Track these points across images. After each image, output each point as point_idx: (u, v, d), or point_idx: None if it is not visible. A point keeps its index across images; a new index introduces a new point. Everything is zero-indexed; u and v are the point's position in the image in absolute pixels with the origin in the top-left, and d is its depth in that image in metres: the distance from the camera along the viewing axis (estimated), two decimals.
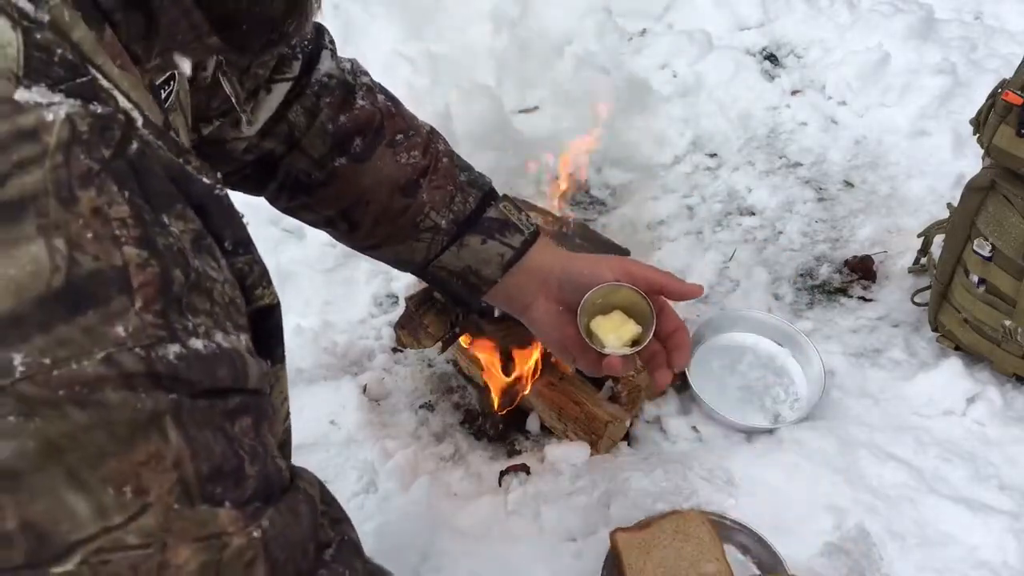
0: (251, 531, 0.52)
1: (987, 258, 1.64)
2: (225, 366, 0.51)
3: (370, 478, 1.58)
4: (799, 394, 1.78)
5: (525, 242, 1.05)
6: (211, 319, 0.51)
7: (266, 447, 0.55)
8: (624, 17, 2.72)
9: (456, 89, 2.25)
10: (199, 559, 0.50)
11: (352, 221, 1.06)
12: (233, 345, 0.52)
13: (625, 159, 2.33)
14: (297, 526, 0.56)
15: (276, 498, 0.55)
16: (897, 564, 1.47)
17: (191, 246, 0.52)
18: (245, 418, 0.53)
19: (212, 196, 0.56)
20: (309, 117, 1.01)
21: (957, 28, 2.66)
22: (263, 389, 0.56)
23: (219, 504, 0.51)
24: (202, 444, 0.49)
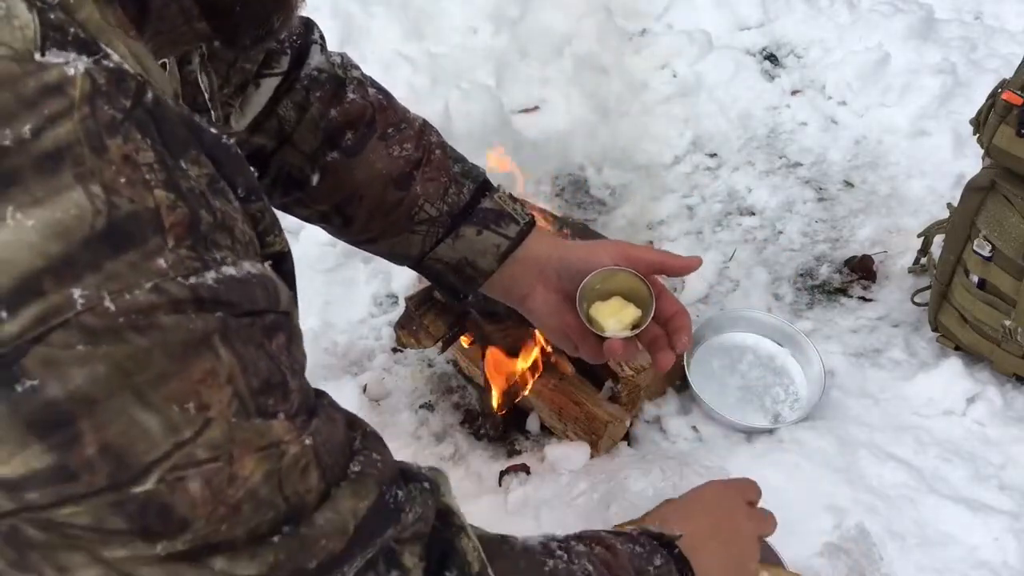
0: (304, 439, 0.57)
1: (987, 258, 1.64)
2: (259, 288, 0.55)
3: None
4: (799, 394, 1.78)
5: (521, 232, 1.05)
6: (235, 253, 0.55)
7: (301, 365, 0.59)
8: (624, 17, 2.72)
9: (456, 89, 2.25)
10: (263, 468, 0.54)
11: (346, 216, 1.06)
12: (262, 271, 0.56)
13: (625, 159, 2.33)
14: (337, 431, 0.62)
15: (314, 407, 0.60)
16: (897, 564, 1.47)
17: (208, 188, 0.55)
18: (280, 336, 0.57)
19: (221, 145, 0.59)
20: (299, 111, 1.01)
21: (957, 28, 2.66)
22: (292, 312, 0.60)
23: (273, 416, 0.55)
24: (249, 360, 0.53)
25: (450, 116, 2.14)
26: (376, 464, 0.65)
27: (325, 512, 0.59)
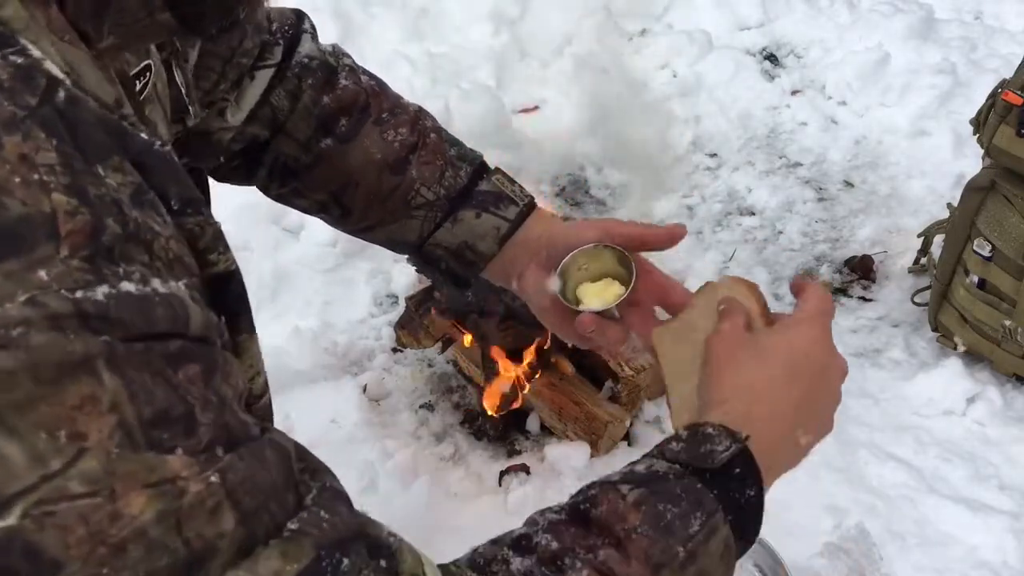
0: (208, 476, 0.50)
1: (987, 258, 1.64)
2: (161, 309, 0.49)
3: (370, 478, 1.58)
4: None
5: (520, 214, 1.02)
6: (149, 270, 0.50)
7: (222, 398, 0.53)
8: (624, 17, 2.72)
9: (456, 89, 2.25)
10: (154, 507, 0.48)
11: (343, 204, 1.04)
12: (171, 291, 0.50)
13: (625, 159, 2.33)
14: (265, 472, 0.54)
15: (239, 443, 0.53)
16: (897, 564, 1.47)
17: (130, 199, 0.50)
18: (190, 366, 0.51)
19: (153, 152, 0.55)
20: (292, 100, 1.00)
21: (957, 28, 2.66)
22: (211, 339, 0.54)
23: (168, 450, 0.48)
24: (141, 387, 0.48)
25: (450, 116, 2.14)
26: (321, 524, 0.56)
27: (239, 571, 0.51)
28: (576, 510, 0.72)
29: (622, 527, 0.69)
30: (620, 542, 0.68)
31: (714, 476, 0.74)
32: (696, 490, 0.73)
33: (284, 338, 1.84)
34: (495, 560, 0.68)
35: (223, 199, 2.10)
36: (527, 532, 0.70)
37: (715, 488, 0.73)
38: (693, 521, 0.71)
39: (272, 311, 1.92)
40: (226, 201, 2.01)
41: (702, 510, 0.72)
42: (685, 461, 0.74)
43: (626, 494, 0.71)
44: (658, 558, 0.69)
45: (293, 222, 2.08)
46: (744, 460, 0.76)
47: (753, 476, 0.76)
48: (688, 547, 0.70)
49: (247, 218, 2.03)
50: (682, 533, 0.70)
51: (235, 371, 0.56)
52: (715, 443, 0.75)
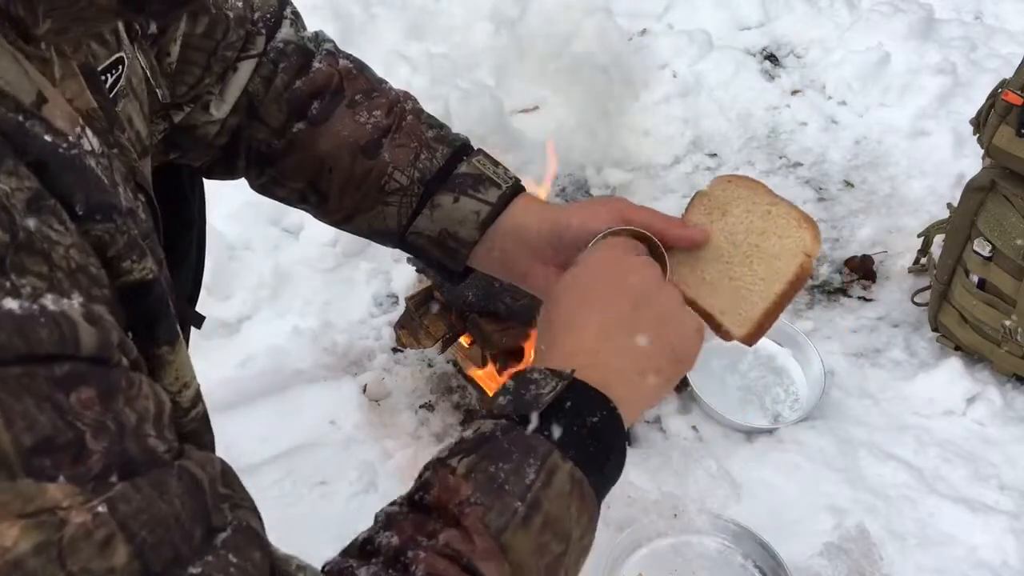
0: (95, 507, 0.47)
1: (987, 258, 1.64)
2: (47, 329, 0.47)
3: (370, 478, 1.58)
4: (799, 394, 1.78)
5: (503, 197, 0.96)
6: (46, 281, 0.48)
7: (122, 423, 0.50)
8: (624, 17, 2.72)
9: (456, 89, 2.25)
10: (32, 539, 0.45)
11: (320, 191, 1.01)
12: (63, 309, 0.48)
13: (625, 159, 2.33)
14: (166, 504, 0.50)
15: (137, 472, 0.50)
16: (897, 564, 1.47)
17: (24, 205, 0.48)
18: (84, 389, 0.48)
19: (57, 155, 0.52)
20: (266, 85, 0.98)
21: (957, 28, 2.66)
22: (110, 360, 0.51)
23: (50, 479, 0.46)
24: (20, 413, 0.45)
25: (450, 116, 2.14)
26: (229, 568, 0.53)
27: None
28: (412, 499, 0.70)
29: (455, 503, 0.67)
30: (457, 519, 0.66)
31: (543, 417, 0.71)
32: (524, 438, 0.70)
33: (284, 338, 1.83)
34: (341, 573, 0.65)
35: (223, 199, 2.11)
36: (370, 534, 0.68)
37: (545, 430, 0.71)
38: (527, 470, 0.69)
39: (272, 311, 1.92)
40: (226, 201, 2.03)
41: (534, 456, 0.69)
42: (511, 413, 0.72)
43: (456, 467, 0.69)
44: (496, 523, 0.66)
45: (293, 222, 2.08)
46: (577, 392, 0.73)
47: (593, 403, 0.73)
48: (528, 498, 0.68)
49: (247, 218, 2.03)
50: (518, 487, 0.68)
51: (145, 392, 0.53)
52: (540, 386, 0.73)
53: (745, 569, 1.46)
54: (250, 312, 1.91)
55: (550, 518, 0.69)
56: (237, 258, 1.99)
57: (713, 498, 1.53)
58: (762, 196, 0.91)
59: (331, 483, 1.57)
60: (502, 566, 0.65)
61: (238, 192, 2.04)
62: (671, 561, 1.47)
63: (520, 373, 0.75)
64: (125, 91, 0.76)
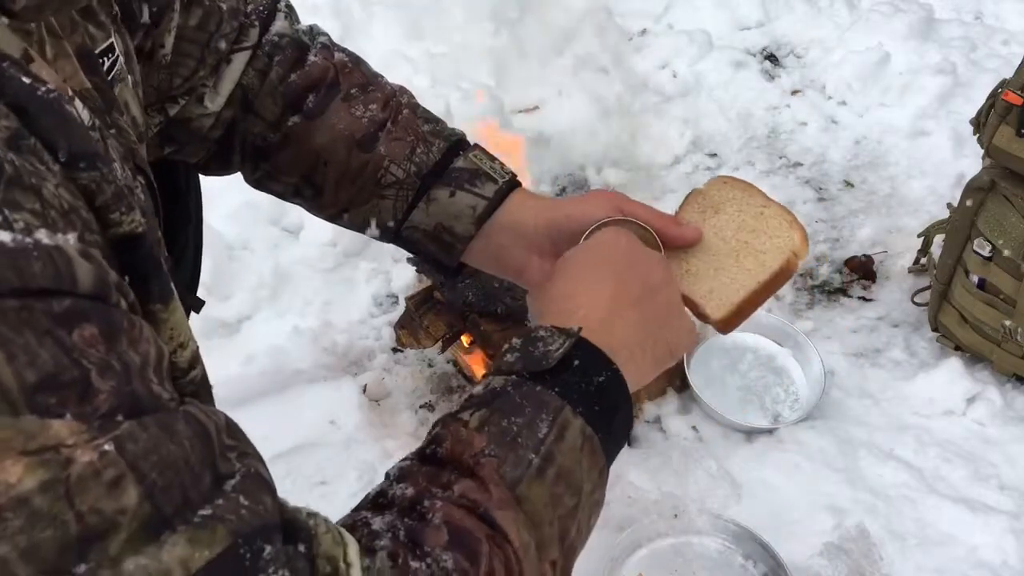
0: (100, 444, 0.46)
1: (987, 258, 1.64)
2: (40, 263, 0.45)
3: (370, 478, 1.58)
4: (799, 394, 1.78)
5: (499, 191, 0.96)
6: (39, 219, 0.47)
7: (127, 364, 0.49)
8: (624, 17, 2.72)
9: (456, 89, 2.25)
10: (37, 476, 0.44)
11: (315, 186, 1.00)
12: (58, 243, 0.47)
13: (625, 159, 2.33)
14: (175, 445, 0.50)
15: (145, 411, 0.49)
16: (897, 564, 1.47)
17: (4, 143, 0.47)
18: (87, 326, 0.47)
19: (36, 98, 0.51)
20: (260, 78, 0.98)
21: (957, 28, 2.66)
22: (108, 298, 0.50)
23: (55, 416, 0.45)
24: (21, 347, 0.44)
25: (450, 116, 2.14)
26: (240, 510, 0.52)
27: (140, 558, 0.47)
28: (424, 453, 0.70)
29: (470, 454, 0.67)
30: (472, 470, 0.66)
31: (552, 374, 0.72)
32: (536, 393, 0.71)
33: (284, 338, 1.83)
34: (355, 525, 0.65)
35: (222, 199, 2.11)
36: (382, 488, 0.68)
37: (556, 386, 0.72)
38: (540, 425, 0.70)
39: (272, 311, 1.92)
40: (225, 201, 2.03)
41: (547, 410, 0.70)
42: (520, 369, 0.73)
43: (468, 420, 0.70)
44: (511, 474, 0.67)
45: (293, 222, 2.08)
46: (583, 351, 0.74)
47: (598, 363, 0.75)
48: (541, 451, 0.69)
49: (247, 218, 2.03)
50: (531, 440, 0.69)
51: (147, 337, 0.52)
52: (548, 343, 0.74)
53: (745, 570, 1.46)
54: (250, 312, 1.91)
55: (563, 471, 0.69)
56: (237, 258, 1.99)
57: (713, 498, 1.53)
58: (756, 197, 0.94)
59: (331, 483, 1.57)
60: (517, 516, 0.66)
61: (237, 192, 2.04)
62: (671, 561, 1.47)
63: (526, 331, 0.76)
64: (122, 75, 0.76)
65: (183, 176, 1.06)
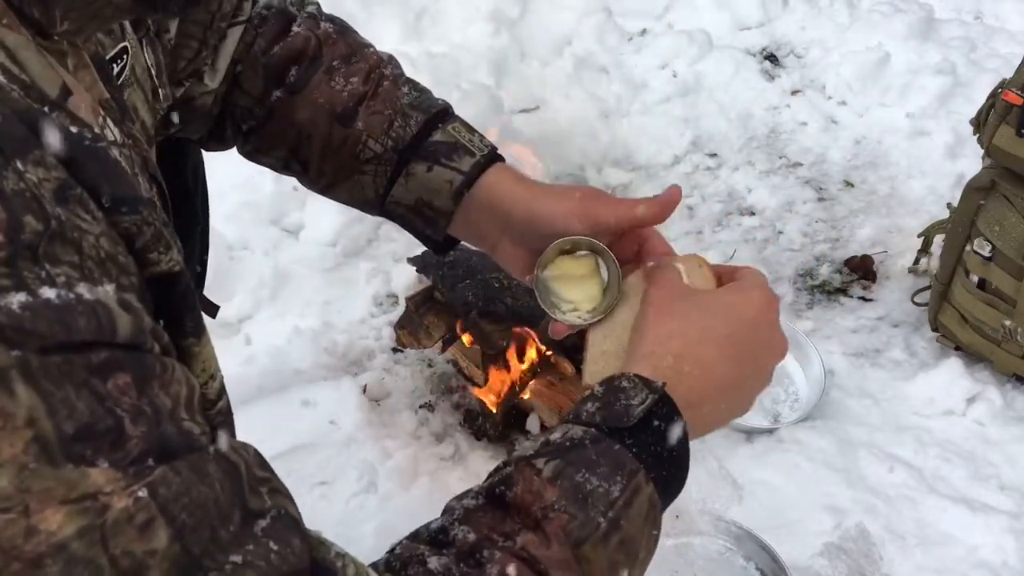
0: (135, 491, 0.48)
1: (987, 258, 1.64)
2: (84, 317, 0.47)
3: (370, 478, 1.58)
4: (799, 394, 1.78)
5: (477, 165, 0.94)
6: (78, 271, 0.48)
7: (158, 408, 0.51)
8: (624, 17, 2.72)
9: (456, 89, 2.25)
10: (76, 523, 0.46)
11: (302, 161, 1.00)
12: (98, 297, 0.49)
13: (625, 159, 2.33)
14: (206, 487, 0.51)
15: (176, 455, 0.51)
16: (897, 564, 1.47)
17: (52, 195, 0.49)
18: (120, 375, 0.49)
19: (82, 147, 0.53)
20: (246, 51, 0.97)
21: (957, 28, 2.66)
22: (144, 345, 0.52)
23: (91, 464, 0.47)
24: (61, 400, 0.46)
25: None
26: (270, 556, 0.53)
27: None
28: (492, 493, 0.68)
29: (539, 506, 0.66)
30: (538, 523, 0.65)
31: (632, 433, 0.70)
32: (614, 452, 0.69)
33: (284, 338, 1.83)
34: (412, 560, 0.64)
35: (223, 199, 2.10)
36: (444, 524, 0.67)
37: (635, 447, 0.70)
38: (613, 487, 0.68)
39: (272, 311, 1.92)
40: (226, 201, 2.03)
41: (622, 473, 0.69)
42: (600, 422, 0.71)
43: (541, 468, 0.68)
44: (577, 533, 0.66)
45: (293, 222, 2.08)
46: (663, 410, 0.72)
47: (676, 425, 0.73)
48: (610, 515, 0.67)
49: (247, 218, 2.03)
50: (603, 502, 0.67)
51: (178, 377, 0.53)
52: (630, 396, 0.72)
53: (747, 572, 1.46)
54: (250, 312, 1.91)
55: (626, 537, 0.69)
56: (237, 258, 1.99)
57: (714, 499, 1.53)
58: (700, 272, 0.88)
59: (331, 483, 1.57)
60: None
61: (237, 192, 2.04)
62: (673, 562, 1.47)
63: (611, 380, 0.74)
64: (130, 80, 0.76)
65: (191, 177, 1.05)
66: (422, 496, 1.54)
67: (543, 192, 0.93)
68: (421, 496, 1.54)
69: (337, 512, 1.53)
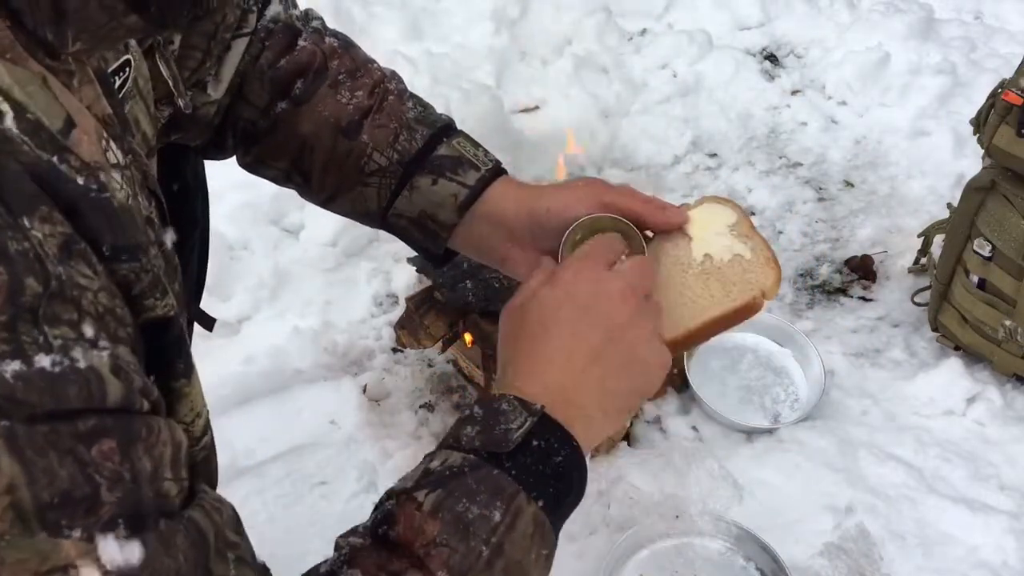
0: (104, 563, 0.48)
1: (987, 258, 1.64)
2: (76, 386, 0.48)
3: (370, 478, 1.58)
4: (799, 394, 1.78)
5: (481, 179, 0.95)
6: (75, 330, 0.49)
7: (136, 472, 0.51)
8: (624, 17, 2.72)
9: (456, 89, 2.25)
10: None
11: (304, 172, 1.00)
12: (91, 363, 0.49)
13: (625, 159, 2.33)
14: (170, 559, 0.52)
15: (146, 525, 0.51)
16: (897, 564, 1.47)
17: (57, 251, 0.49)
18: (105, 441, 0.49)
19: (88, 199, 0.53)
20: (252, 64, 0.98)
21: (957, 28, 2.66)
22: (132, 407, 0.52)
23: (64, 534, 0.47)
24: (43, 469, 0.46)
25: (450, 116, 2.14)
26: None
27: None
28: (376, 533, 0.69)
29: (421, 543, 0.67)
30: (421, 561, 0.66)
31: (511, 456, 0.71)
32: (493, 477, 0.70)
33: (284, 338, 1.83)
34: None
35: (223, 199, 2.10)
36: (331, 569, 0.68)
37: (514, 469, 0.70)
38: (494, 512, 0.68)
39: (272, 311, 1.92)
40: (226, 201, 2.03)
41: (502, 497, 0.69)
42: (479, 447, 0.71)
43: (422, 502, 0.68)
44: (460, 566, 0.66)
45: (293, 222, 2.08)
46: (544, 430, 0.72)
47: (559, 441, 0.73)
48: (492, 541, 0.68)
49: (247, 218, 2.03)
50: (484, 529, 0.68)
51: (163, 438, 0.54)
52: (510, 420, 0.72)
53: (747, 572, 1.46)
54: (250, 312, 1.91)
55: (511, 562, 0.69)
56: (237, 258, 1.99)
57: (714, 499, 1.53)
58: (742, 225, 0.91)
59: (331, 483, 1.57)
60: None
61: (238, 192, 2.04)
62: (672, 563, 1.47)
63: (489, 402, 0.74)
64: (132, 93, 0.76)
65: (191, 180, 1.06)
66: None
67: (545, 191, 0.94)
68: None
69: (337, 512, 1.53)
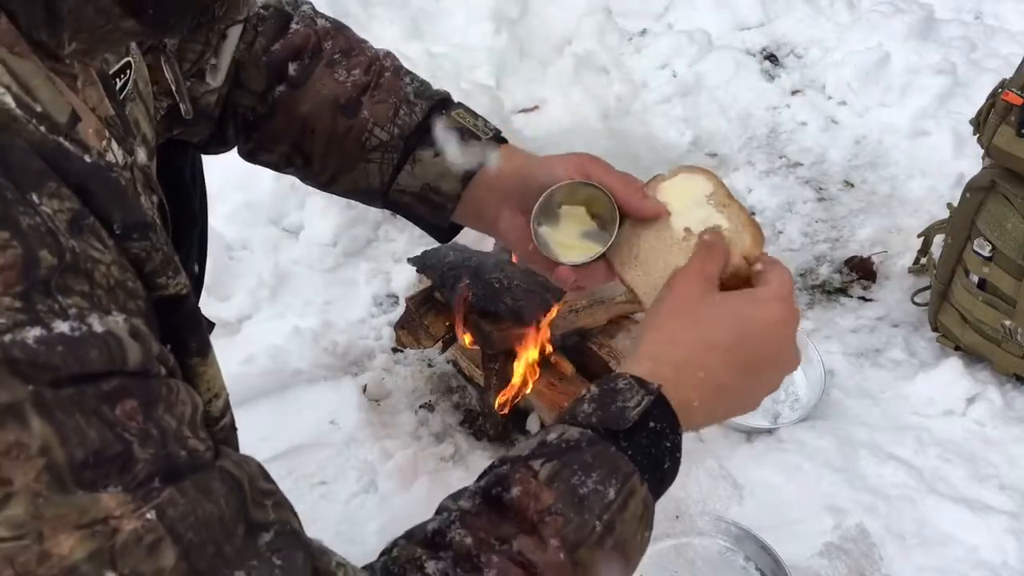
0: (144, 513, 0.50)
1: (987, 258, 1.64)
2: (97, 349, 0.49)
3: (370, 478, 1.58)
4: (799, 394, 1.78)
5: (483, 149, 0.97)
6: (88, 300, 0.50)
7: (164, 430, 0.52)
8: (624, 17, 2.72)
9: (456, 89, 2.25)
10: (87, 547, 0.48)
11: (305, 154, 1.01)
12: (109, 328, 0.50)
13: (625, 159, 2.33)
14: (211, 504, 0.53)
15: (183, 477, 0.52)
16: (897, 564, 1.47)
17: (66, 226, 0.50)
18: (128, 401, 0.51)
19: (97, 176, 0.54)
20: (248, 50, 0.98)
21: (957, 28, 2.66)
22: (151, 370, 0.53)
23: (101, 489, 0.49)
24: (73, 430, 0.48)
25: None
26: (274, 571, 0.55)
27: None
28: (489, 495, 0.69)
29: (536, 509, 0.67)
30: (535, 527, 0.66)
31: (628, 435, 0.71)
32: (610, 455, 0.70)
33: (284, 338, 1.83)
34: (409, 564, 0.65)
35: (223, 199, 2.10)
36: (440, 526, 0.68)
37: (630, 449, 0.71)
38: (609, 489, 0.69)
39: (272, 311, 1.92)
40: (226, 201, 2.02)
41: (617, 476, 0.69)
42: (596, 424, 0.71)
43: (538, 470, 0.69)
44: (574, 537, 0.67)
45: (293, 222, 2.08)
46: (659, 412, 0.73)
47: (670, 426, 0.74)
48: (605, 518, 0.68)
49: (247, 218, 2.03)
50: (598, 505, 0.68)
51: (182, 397, 0.55)
52: (627, 398, 0.72)
53: (747, 572, 1.46)
54: (250, 312, 1.91)
55: (620, 540, 0.69)
56: (237, 258, 1.99)
57: (714, 499, 1.53)
58: (718, 193, 0.91)
59: (331, 483, 1.57)
60: None
61: (237, 192, 2.04)
62: (672, 562, 1.47)
63: (606, 380, 0.75)
64: (132, 95, 0.76)
65: (189, 177, 1.06)
66: (422, 496, 1.54)
67: (534, 157, 0.97)
68: (421, 496, 1.54)
69: (337, 512, 1.53)
